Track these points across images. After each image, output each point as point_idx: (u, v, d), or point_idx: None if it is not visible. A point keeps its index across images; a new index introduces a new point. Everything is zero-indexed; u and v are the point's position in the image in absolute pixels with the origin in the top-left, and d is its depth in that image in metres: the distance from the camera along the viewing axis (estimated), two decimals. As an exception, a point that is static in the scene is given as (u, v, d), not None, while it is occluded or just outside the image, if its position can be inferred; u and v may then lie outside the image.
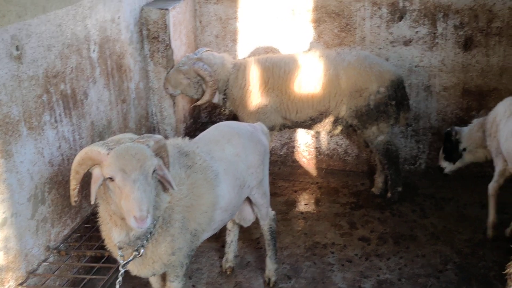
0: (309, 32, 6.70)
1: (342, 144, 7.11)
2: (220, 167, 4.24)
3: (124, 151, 3.37)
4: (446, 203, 6.53)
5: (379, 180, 6.67)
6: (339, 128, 6.34)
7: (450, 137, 5.98)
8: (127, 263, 3.72)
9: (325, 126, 6.32)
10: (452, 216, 6.27)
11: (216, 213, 4.20)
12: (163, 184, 3.65)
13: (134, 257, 3.72)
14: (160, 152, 3.59)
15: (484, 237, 5.81)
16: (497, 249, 5.62)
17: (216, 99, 6.21)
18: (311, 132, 7.01)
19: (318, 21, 6.66)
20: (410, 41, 6.46)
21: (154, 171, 3.46)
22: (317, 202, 6.62)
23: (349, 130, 6.41)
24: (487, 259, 5.52)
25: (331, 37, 6.69)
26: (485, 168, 6.63)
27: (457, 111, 6.58)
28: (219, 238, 5.63)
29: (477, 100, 6.47)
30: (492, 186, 5.62)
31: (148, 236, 3.72)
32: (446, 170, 6.20)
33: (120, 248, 3.70)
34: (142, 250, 3.72)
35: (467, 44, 6.31)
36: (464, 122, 6.50)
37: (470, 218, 6.22)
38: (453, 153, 6.00)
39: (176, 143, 4.19)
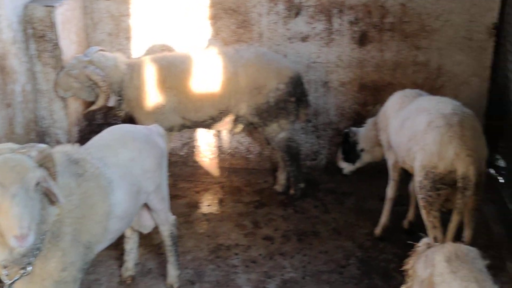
0: (206, 29, 6.55)
1: (244, 142, 7.02)
2: (114, 174, 4.02)
3: (1, 163, 3.09)
4: (347, 198, 6.60)
5: (281, 177, 6.64)
6: (240, 126, 6.25)
7: (348, 138, 6.05)
8: (13, 282, 3.44)
9: (226, 125, 6.20)
10: (353, 210, 6.35)
11: (111, 222, 3.97)
12: (49, 197, 3.38)
13: (21, 276, 3.44)
14: (45, 163, 3.32)
15: (384, 232, 5.92)
16: (397, 242, 5.73)
17: (112, 102, 5.92)
18: (212, 131, 6.86)
19: (214, 18, 6.52)
20: (307, 37, 6.47)
21: (37, 184, 3.20)
22: (220, 202, 6.50)
23: (251, 128, 6.33)
24: (387, 251, 5.62)
25: (228, 34, 6.57)
26: (382, 162, 6.76)
27: (354, 106, 6.66)
28: (118, 246, 5.33)
29: (373, 95, 6.58)
30: (390, 188, 5.70)
31: (36, 252, 3.44)
32: (345, 171, 6.29)
33: (4, 267, 3.41)
34: (29, 268, 3.45)
35: (362, 40, 6.40)
36: (362, 116, 6.61)
37: (370, 211, 6.30)
38: (351, 154, 6.08)
39: (64, 150, 3.92)
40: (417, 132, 4.70)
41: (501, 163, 6.40)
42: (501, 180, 6.11)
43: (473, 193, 4.40)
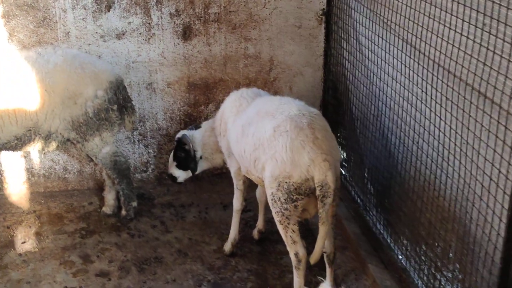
0: (-4, 30, 5.39)
1: (59, 160, 5.98)
2: None
3: None
4: (187, 210, 5.91)
5: (109, 197, 5.74)
6: (54, 144, 5.25)
7: (184, 145, 5.31)
8: None
9: (35, 144, 5.15)
10: (196, 224, 5.68)
11: None
12: None
13: None
14: None
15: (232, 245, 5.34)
16: (250, 255, 5.19)
17: None
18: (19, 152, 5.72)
19: (7, 16, 5.38)
20: (123, 34, 5.61)
21: None
22: (38, 236, 5.42)
23: (67, 145, 5.33)
24: (241, 269, 5.03)
25: (26, 34, 5.47)
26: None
27: (184, 107, 5.96)
28: None
29: (204, 94, 5.94)
30: (237, 200, 5.14)
31: None
32: (180, 179, 5.47)
33: None
34: None
35: (186, 33, 5.70)
36: (194, 118, 5.95)
37: (215, 223, 5.70)
38: (190, 162, 5.33)
39: None
40: (263, 139, 4.15)
41: (342, 155, 6.13)
42: (344, 173, 5.82)
43: (333, 200, 3.96)
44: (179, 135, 5.33)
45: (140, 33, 5.62)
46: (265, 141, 4.13)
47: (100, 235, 5.47)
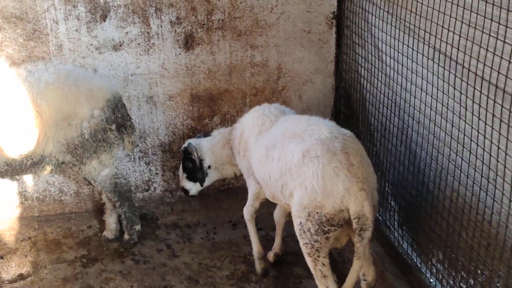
0: (-17, 46, 4.96)
1: (54, 181, 5.56)
2: None
3: None
4: (193, 231, 5.53)
5: (111, 221, 5.34)
6: (48, 168, 4.85)
7: (189, 155, 4.93)
8: None
9: (28, 170, 4.75)
10: (204, 247, 5.30)
11: None
12: None
13: None
14: None
15: (248, 267, 4.97)
16: (265, 280, 4.83)
17: None
18: (11, 176, 5.30)
19: (-7, 29, 4.96)
20: (121, 45, 5.19)
21: None
22: (36, 266, 5.02)
23: (63, 167, 4.93)
24: (259, 296, 4.68)
25: (15, 48, 5.04)
26: (229, 180, 5.82)
27: (188, 121, 5.57)
28: None
29: (209, 106, 5.55)
30: (247, 210, 4.76)
31: None
32: (192, 192, 5.11)
33: None
34: None
35: (188, 42, 5.30)
36: (197, 131, 5.55)
37: (224, 244, 5.33)
38: (197, 172, 4.96)
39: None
40: (291, 164, 3.76)
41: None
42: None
43: (371, 232, 3.57)
44: (185, 144, 4.99)
45: (138, 44, 5.21)
46: (293, 166, 3.75)
47: (103, 262, 5.07)
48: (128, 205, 5.16)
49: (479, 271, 3.57)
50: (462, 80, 3.55)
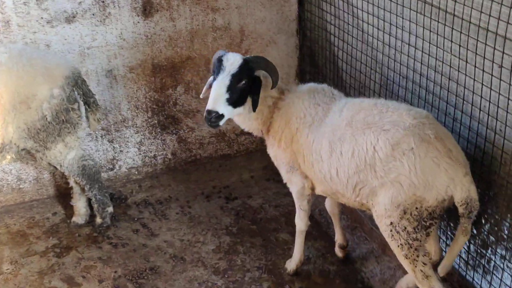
0: None
1: (11, 169, 5.15)
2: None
3: None
4: (167, 207, 5.32)
5: (80, 206, 5.03)
6: (8, 157, 4.48)
7: (252, 70, 3.82)
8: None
9: (-15, 160, 4.38)
10: (183, 222, 5.12)
11: None
12: None
13: None
14: None
15: (232, 238, 4.84)
16: (252, 250, 4.72)
17: None
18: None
19: None
20: (74, 17, 4.79)
21: None
22: (5, 262, 4.66)
23: (23, 155, 4.57)
24: (250, 267, 4.56)
25: (-44, 28, 4.55)
26: (195, 150, 5.63)
27: (150, 93, 5.26)
28: None
29: (171, 75, 5.26)
30: (301, 218, 4.26)
31: None
32: (223, 121, 3.76)
33: None
34: None
35: (146, 10, 4.96)
36: (162, 104, 5.28)
37: (203, 218, 5.17)
38: (255, 91, 3.86)
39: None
40: (373, 159, 3.38)
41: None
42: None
43: None
44: (235, 55, 3.84)
45: (93, 14, 4.83)
46: (377, 162, 3.38)
47: (78, 250, 4.79)
48: (98, 187, 4.86)
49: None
50: (452, 28, 3.51)
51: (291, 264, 4.46)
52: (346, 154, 3.51)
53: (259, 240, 4.87)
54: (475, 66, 3.40)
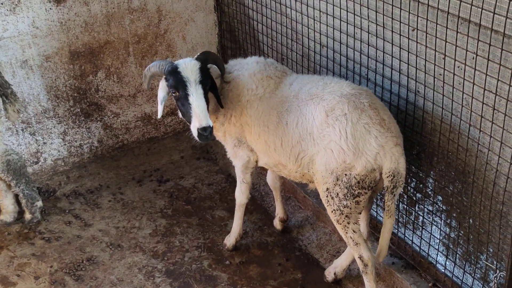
0: None
1: None
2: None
3: None
4: (99, 196, 5.24)
5: (7, 203, 4.86)
6: None
7: (208, 69, 3.79)
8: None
9: None
10: (116, 210, 5.06)
11: None
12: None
13: None
14: None
15: (168, 220, 4.83)
16: (189, 230, 4.74)
17: None
18: None
19: None
20: (-19, 7, 4.58)
21: None
22: None
23: None
24: (189, 247, 4.58)
25: None
26: (122, 136, 5.54)
27: (70, 81, 5.11)
28: None
29: (91, 61, 5.12)
30: (242, 191, 4.29)
31: None
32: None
33: None
34: None
35: (59, -5, 4.81)
36: (83, 91, 5.14)
37: (136, 203, 5.13)
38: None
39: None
40: (311, 128, 3.45)
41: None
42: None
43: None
44: (192, 61, 3.74)
45: (1, 3, 4.61)
46: (315, 129, 3.43)
47: (9, 249, 4.64)
48: (25, 181, 4.72)
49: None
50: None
51: (230, 239, 4.50)
52: (291, 124, 3.58)
53: (195, 220, 4.88)
54: (392, 31, 3.52)
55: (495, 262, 3.35)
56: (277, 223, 4.69)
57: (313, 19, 4.19)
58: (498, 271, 3.30)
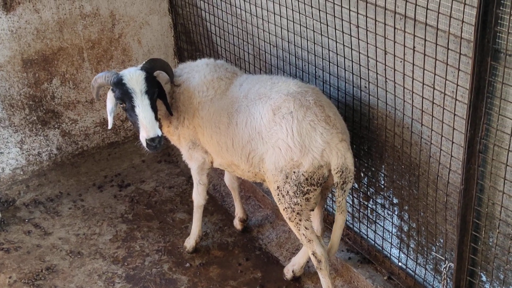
0: None
1: None
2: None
3: None
4: (59, 204, 5.22)
5: (-36, 215, 4.82)
6: None
7: (155, 76, 3.82)
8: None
9: None
10: (77, 217, 5.04)
11: None
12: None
13: None
14: None
15: (129, 225, 4.82)
16: (150, 234, 4.73)
17: None
18: None
19: None
20: None
21: None
22: None
23: None
24: (149, 251, 4.57)
25: None
26: (82, 142, 5.50)
27: (25, 89, 5.06)
28: None
29: (45, 69, 5.07)
30: (199, 193, 4.33)
31: None
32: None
33: None
34: None
35: (6, 3, 4.73)
36: (38, 99, 5.10)
37: (97, 209, 5.11)
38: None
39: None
40: (260, 126, 3.47)
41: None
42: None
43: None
44: (137, 71, 3.71)
45: None
46: (263, 128, 3.45)
47: (-31, 262, 4.60)
48: (-20, 193, 4.68)
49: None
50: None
51: (190, 241, 4.52)
52: (241, 124, 3.61)
53: (156, 223, 4.88)
54: (335, 28, 3.55)
55: (444, 253, 3.40)
56: (237, 223, 4.71)
57: (262, 19, 4.21)
58: (447, 262, 3.35)
